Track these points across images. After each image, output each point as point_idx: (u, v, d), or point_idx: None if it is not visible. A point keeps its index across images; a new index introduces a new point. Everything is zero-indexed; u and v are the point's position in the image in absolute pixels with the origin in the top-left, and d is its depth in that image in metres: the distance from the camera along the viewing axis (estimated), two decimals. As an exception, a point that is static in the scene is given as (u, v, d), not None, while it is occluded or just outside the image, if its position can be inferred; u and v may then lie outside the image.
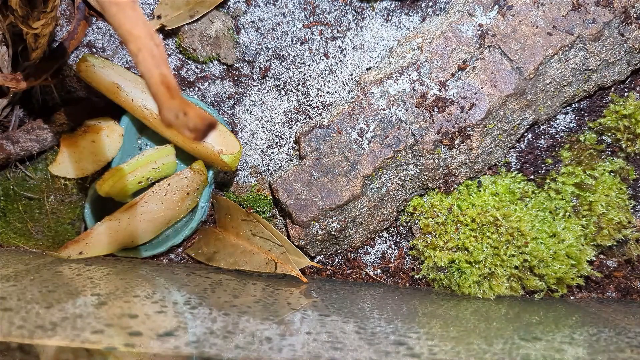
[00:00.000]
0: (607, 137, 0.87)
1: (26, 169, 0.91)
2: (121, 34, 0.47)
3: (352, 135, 0.84)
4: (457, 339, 0.63)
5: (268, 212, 0.94)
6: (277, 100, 0.92)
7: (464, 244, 0.86)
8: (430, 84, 0.82)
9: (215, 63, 0.91)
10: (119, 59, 0.92)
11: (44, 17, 0.77)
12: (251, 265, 0.87)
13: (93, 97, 0.92)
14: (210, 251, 0.91)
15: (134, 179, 0.84)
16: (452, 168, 0.85)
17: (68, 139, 0.87)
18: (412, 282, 0.92)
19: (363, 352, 0.54)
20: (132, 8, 0.47)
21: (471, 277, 0.86)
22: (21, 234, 0.93)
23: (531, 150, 0.89)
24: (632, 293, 0.89)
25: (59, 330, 0.52)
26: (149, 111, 0.84)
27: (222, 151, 0.83)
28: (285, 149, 0.94)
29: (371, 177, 0.84)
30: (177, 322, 0.60)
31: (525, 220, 0.85)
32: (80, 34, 0.89)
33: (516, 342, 0.62)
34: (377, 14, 0.89)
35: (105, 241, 0.86)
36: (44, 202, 0.92)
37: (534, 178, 0.89)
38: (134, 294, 0.69)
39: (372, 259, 0.93)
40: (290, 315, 0.67)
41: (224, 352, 0.52)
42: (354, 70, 0.90)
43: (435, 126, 0.82)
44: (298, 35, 0.90)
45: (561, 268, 0.84)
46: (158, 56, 0.47)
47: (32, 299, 0.61)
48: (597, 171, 0.86)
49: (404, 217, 0.91)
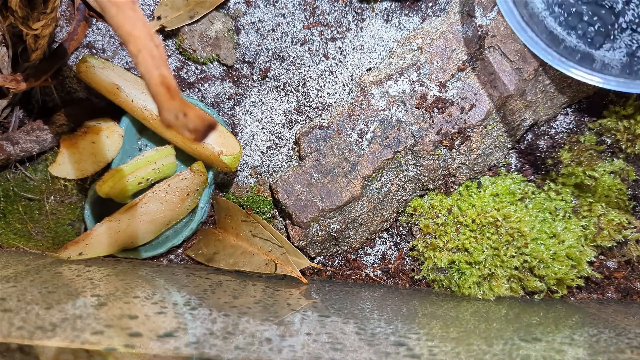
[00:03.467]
0: (607, 137, 0.87)
1: (26, 169, 0.91)
2: (121, 35, 0.47)
3: (352, 136, 0.84)
4: (457, 339, 0.63)
5: (268, 213, 0.94)
6: (277, 101, 0.92)
7: (464, 244, 0.86)
8: (430, 84, 0.82)
9: (215, 64, 0.91)
10: (118, 59, 0.92)
11: (44, 18, 0.78)
12: (251, 266, 0.87)
13: (93, 98, 0.92)
14: (210, 252, 0.91)
15: (133, 179, 0.84)
16: (452, 169, 0.85)
17: (68, 139, 0.87)
18: (412, 282, 0.92)
19: (363, 353, 0.54)
20: (131, 9, 0.47)
21: (471, 277, 0.86)
22: (21, 234, 0.93)
23: (531, 151, 0.89)
24: (632, 294, 0.89)
25: (58, 331, 0.52)
26: (148, 112, 0.84)
27: (222, 152, 0.83)
28: (285, 150, 0.94)
29: (371, 178, 0.84)
30: (177, 323, 0.60)
31: (525, 221, 0.85)
32: (80, 35, 0.89)
33: (516, 343, 0.62)
34: (377, 15, 0.89)
35: (105, 242, 0.86)
36: (44, 203, 0.92)
37: (533, 179, 0.89)
38: (134, 295, 0.69)
39: (372, 260, 0.93)
40: (290, 316, 0.67)
41: (224, 353, 0.52)
42: (354, 71, 0.90)
43: (435, 127, 0.82)
44: (298, 36, 0.90)
45: (561, 269, 0.84)
46: (158, 57, 0.47)
47: (32, 300, 0.61)
48: (597, 172, 0.85)
49: (404, 218, 0.91)
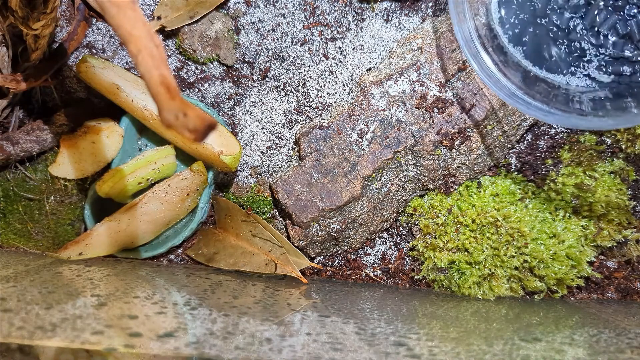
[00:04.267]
0: (607, 137, 0.87)
1: (26, 169, 0.91)
2: (121, 35, 0.47)
3: (352, 136, 0.84)
4: (457, 339, 0.63)
5: (268, 213, 0.94)
6: (277, 101, 0.92)
7: (464, 244, 0.86)
8: (430, 84, 0.82)
9: (215, 64, 0.91)
10: (118, 59, 0.92)
11: (44, 18, 0.77)
12: (251, 266, 0.87)
13: (93, 98, 0.92)
14: (210, 252, 0.91)
15: (133, 179, 0.84)
16: (452, 169, 0.85)
17: (68, 139, 0.87)
18: (412, 282, 0.92)
19: (363, 353, 0.54)
20: (132, 9, 0.47)
21: (471, 277, 0.86)
22: (21, 234, 0.93)
23: (531, 151, 0.89)
24: (632, 294, 0.89)
25: (58, 331, 0.52)
26: (149, 112, 0.84)
27: (222, 152, 0.83)
28: (285, 150, 0.94)
29: (371, 178, 0.84)
30: (177, 323, 0.60)
31: (525, 221, 0.85)
32: (80, 35, 0.89)
33: (516, 343, 0.62)
34: (377, 15, 0.89)
35: (105, 242, 0.86)
36: (44, 203, 0.92)
37: (534, 179, 0.89)
38: (134, 295, 0.69)
39: (372, 260, 0.93)
40: (290, 316, 0.67)
41: (224, 353, 0.52)
42: (354, 71, 0.90)
43: (435, 127, 0.82)
44: (298, 36, 0.90)
45: (561, 269, 0.84)
46: (158, 57, 0.47)
47: (32, 300, 0.61)
48: (597, 172, 0.85)
49: (404, 217, 0.91)
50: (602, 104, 0.72)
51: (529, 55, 0.78)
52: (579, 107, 0.72)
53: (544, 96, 0.73)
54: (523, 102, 0.72)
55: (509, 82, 0.73)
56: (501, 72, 0.74)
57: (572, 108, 0.71)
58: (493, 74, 0.74)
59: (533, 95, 0.73)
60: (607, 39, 0.75)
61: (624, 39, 0.74)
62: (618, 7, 0.74)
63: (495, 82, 0.73)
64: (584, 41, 0.75)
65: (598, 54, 0.75)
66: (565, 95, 0.75)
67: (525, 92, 0.72)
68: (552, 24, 0.76)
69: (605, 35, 0.74)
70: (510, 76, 0.74)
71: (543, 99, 0.73)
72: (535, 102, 0.72)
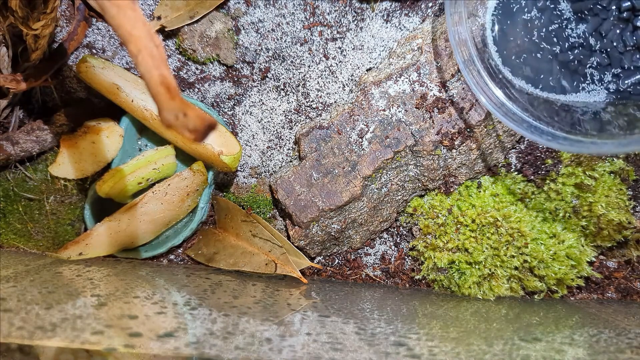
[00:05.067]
0: (607, 137, 0.87)
1: (26, 169, 0.91)
2: (121, 35, 0.47)
3: (352, 136, 0.84)
4: (457, 339, 0.63)
5: (268, 213, 0.94)
6: (277, 101, 0.92)
7: (464, 244, 0.86)
8: (430, 84, 0.82)
9: (215, 64, 0.91)
10: (118, 59, 0.92)
11: (44, 18, 0.77)
12: (251, 266, 0.87)
13: (93, 98, 0.92)
14: (210, 252, 0.91)
15: (133, 179, 0.84)
16: (452, 169, 0.85)
17: (68, 140, 0.87)
18: (412, 282, 0.92)
19: (363, 353, 0.54)
20: (132, 9, 0.47)
21: (471, 277, 0.86)
22: (21, 234, 0.93)
23: (531, 151, 0.89)
24: (632, 294, 0.89)
25: (58, 331, 0.52)
26: (149, 112, 0.84)
27: (222, 152, 0.83)
28: (285, 150, 0.94)
29: (371, 178, 0.84)
30: (177, 323, 0.60)
31: (525, 221, 0.85)
32: (80, 35, 0.89)
33: (516, 343, 0.62)
34: (377, 15, 0.89)
35: (105, 242, 0.86)
36: (44, 203, 0.92)
37: (533, 179, 0.89)
38: (134, 295, 0.69)
39: (372, 260, 0.93)
40: (290, 316, 0.67)
41: (224, 353, 0.52)
42: (354, 71, 0.90)
43: (435, 127, 0.82)
44: (298, 36, 0.90)
45: (561, 269, 0.84)
46: (158, 57, 0.47)
47: (32, 300, 0.61)
48: (597, 172, 0.85)
49: (404, 218, 0.91)
50: (602, 123, 0.74)
51: (531, 79, 0.79)
52: (580, 126, 0.73)
53: (549, 116, 0.74)
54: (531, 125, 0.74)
55: (518, 109, 0.75)
56: (509, 98, 0.75)
57: (572, 125, 0.73)
58: (502, 103, 0.75)
59: (538, 117, 0.74)
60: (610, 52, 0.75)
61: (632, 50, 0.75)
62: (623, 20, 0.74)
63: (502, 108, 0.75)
64: (584, 56, 0.76)
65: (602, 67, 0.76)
66: (566, 111, 0.76)
67: (547, 123, 0.74)
68: (549, 42, 0.77)
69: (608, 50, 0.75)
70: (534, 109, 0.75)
71: (547, 119, 0.74)
72: (540, 124, 0.74)
